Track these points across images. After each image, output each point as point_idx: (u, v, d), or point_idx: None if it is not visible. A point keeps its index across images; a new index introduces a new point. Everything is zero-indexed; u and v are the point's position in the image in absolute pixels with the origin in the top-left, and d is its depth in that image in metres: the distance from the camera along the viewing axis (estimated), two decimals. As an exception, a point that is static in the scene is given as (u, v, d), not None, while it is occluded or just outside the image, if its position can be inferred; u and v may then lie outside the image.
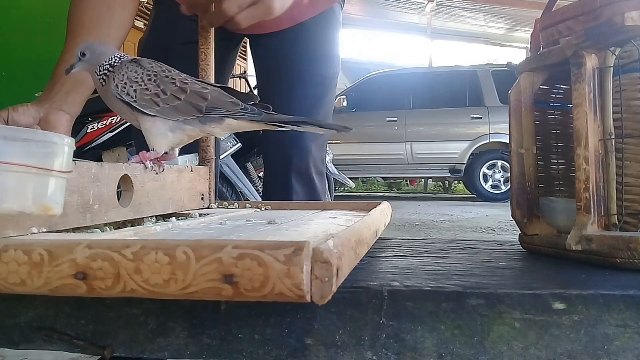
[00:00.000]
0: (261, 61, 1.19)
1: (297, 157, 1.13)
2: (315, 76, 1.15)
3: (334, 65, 1.19)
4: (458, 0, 10.88)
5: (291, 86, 1.13)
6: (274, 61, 1.14)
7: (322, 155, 1.21)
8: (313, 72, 1.15)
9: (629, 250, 0.53)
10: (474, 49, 13.68)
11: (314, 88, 1.15)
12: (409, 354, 0.46)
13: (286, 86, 1.13)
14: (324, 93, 1.18)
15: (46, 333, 0.48)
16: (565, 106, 0.71)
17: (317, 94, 1.16)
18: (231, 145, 3.01)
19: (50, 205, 0.43)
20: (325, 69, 1.17)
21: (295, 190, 1.14)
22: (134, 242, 0.36)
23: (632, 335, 0.45)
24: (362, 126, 7.69)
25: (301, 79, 1.14)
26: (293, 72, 1.12)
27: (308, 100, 1.14)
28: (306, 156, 1.14)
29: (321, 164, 1.21)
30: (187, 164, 0.89)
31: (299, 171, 1.14)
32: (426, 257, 0.64)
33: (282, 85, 1.14)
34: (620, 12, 0.54)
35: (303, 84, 1.14)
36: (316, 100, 1.15)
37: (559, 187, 0.71)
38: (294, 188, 1.13)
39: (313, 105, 1.15)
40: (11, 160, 0.40)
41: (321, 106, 1.17)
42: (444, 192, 10.46)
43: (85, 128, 2.96)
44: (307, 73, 1.14)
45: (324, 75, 1.17)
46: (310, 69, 1.14)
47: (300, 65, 1.12)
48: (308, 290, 0.34)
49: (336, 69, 1.20)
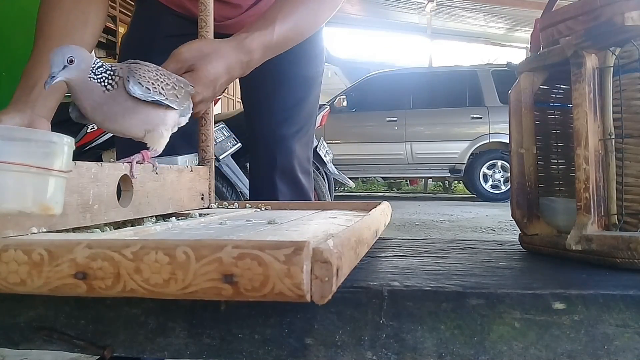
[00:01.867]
0: None
1: (281, 158, 1.14)
2: (298, 77, 1.16)
3: (317, 64, 1.20)
4: (458, 0, 10.88)
5: (275, 87, 1.14)
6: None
7: (307, 154, 1.22)
8: (296, 72, 1.16)
9: (629, 250, 0.53)
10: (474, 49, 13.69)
11: (297, 89, 1.17)
12: (409, 354, 0.46)
13: (270, 87, 1.14)
14: (307, 93, 1.19)
15: (46, 333, 0.48)
16: (565, 106, 0.71)
17: (300, 95, 1.17)
18: (231, 145, 3.02)
19: (50, 205, 0.43)
20: (308, 69, 1.18)
21: (280, 190, 1.14)
22: (134, 242, 0.36)
23: (632, 335, 0.45)
24: (362, 126, 7.69)
25: (285, 79, 1.15)
26: (277, 73, 1.13)
27: (291, 101, 1.16)
28: (290, 156, 1.15)
29: (307, 163, 1.21)
30: (187, 164, 0.89)
31: (284, 171, 1.15)
32: (426, 257, 0.64)
33: (266, 86, 1.15)
34: (620, 12, 0.54)
35: (286, 84, 1.15)
36: (298, 101, 1.17)
37: (559, 187, 0.71)
38: (279, 188, 1.14)
39: (295, 105, 1.16)
40: (11, 160, 0.40)
41: (304, 106, 1.18)
42: (444, 192, 10.46)
43: (85, 128, 2.96)
44: (291, 74, 1.15)
45: (307, 75, 1.18)
46: (293, 70, 1.15)
47: (282, 67, 1.12)
48: (308, 290, 0.34)
49: (320, 68, 1.21)
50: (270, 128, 1.14)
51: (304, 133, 1.18)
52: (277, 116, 1.14)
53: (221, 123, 3.03)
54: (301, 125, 1.17)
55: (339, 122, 7.49)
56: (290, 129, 1.15)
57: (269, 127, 1.14)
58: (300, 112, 1.17)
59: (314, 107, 1.23)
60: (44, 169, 0.42)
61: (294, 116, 1.15)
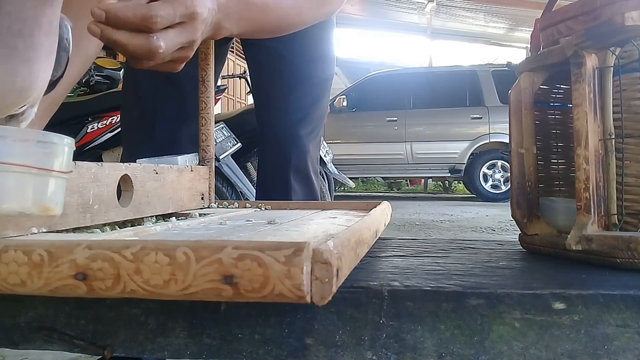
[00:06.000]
0: (256, 61, 1.19)
1: (296, 157, 1.14)
2: (313, 77, 1.16)
3: (330, 67, 1.20)
4: (458, 0, 10.88)
5: (292, 86, 1.14)
6: (271, 61, 1.14)
7: (317, 154, 1.22)
8: (313, 73, 1.15)
9: (629, 250, 0.53)
10: (474, 49, 13.68)
11: (313, 89, 1.16)
12: (409, 354, 0.46)
13: (286, 87, 1.14)
14: (322, 94, 1.19)
15: (46, 333, 0.48)
16: (565, 106, 0.71)
17: (315, 95, 1.17)
18: (231, 145, 3.02)
19: (50, 205, 0.43)
20: (323, 71, 1.18)
21: (294, 189, 1.14)
22: (134, 242, 0.36)
23: (632, 335, 0.45)
24: (362, 126, 7.70)
25: (302, 79, 1.14)
26: (292, 73, 1.13)
27: (307, 100, 1.15)
28: (304, 155, 1.15)
29: (317, 163, 1.21)
30: (187, 163, 0.89)
31: (298, 170, 1.14)
32: (426, 257, 0.64)
33: (282, 86, 1.14)
34: (620, 12, 0.54)
35: (303, 83, 1.14)
36: (314, 101, 1.16)
37: (559, 187, 0.71)
38: (293, 187, 1.14)
39: (311, 105, 1.16)
40: (11, 160, 0.40)
41: (318, 107, 1.18)
42: (444, 192, 10.46)
43: (85, 128, 2.96)
44: (307, 73, 1.15)
45: (321, 76, 1.18)
46: (309, 70, 1.15)
47: (299, 66, 1.12)
48: (308, 291, 0.34)
49: (332, 71, 1.22)
50: (286, 126, 1.13)
51: (317, 133, 1.19)
52: (294, 115, 1.13)
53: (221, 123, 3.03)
54: (314, 126, 1.17)
55: (339, 122, 7.50)
56: (306, 129, 1.15)
57: (284, 126, 1.14)
58: (315, 112, 1.17)
59: (326, 108, 1.23)
60: (44, 170, 0.42)
61: (309, 116, 1.15)
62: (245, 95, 8.98)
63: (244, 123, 3.12)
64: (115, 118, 2.97)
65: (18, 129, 0.44)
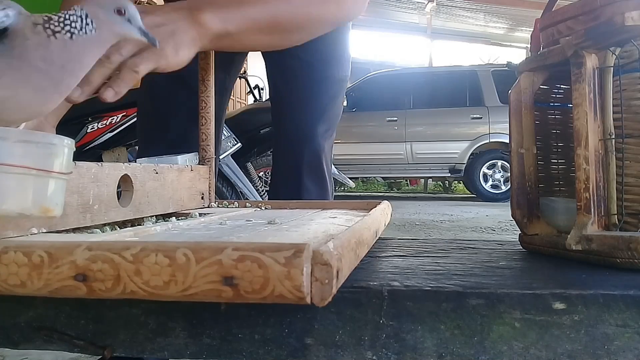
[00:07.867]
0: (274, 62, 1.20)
1: (311, 155, 1.14)
2: (331, 77, 1.17)
3: (346, 68, 1.22)
4: (458, 0, 10.88)
5: (311, 85, 1.15)
6: (288, 62, 1.15)
7: (331, 154, 1.23)
8: (330, 73, 1.17)
9: (629, 250, 0.53)
10: (474, 49, 13.67)
11: (330, 88, 1.18)
12: (409, 354, 0.46)
13: (307, 85, 1.15)
14: (337, 94, 1.20)
15: (46, 333, 0.48)
16: (565, 106, 0.71)
17: (332, 94, 1.18)
18: (231, 145, 3.01)
19: (50, 206, 0.43)
20: (338, 71, 1.19)
21: (307, 187, 1.14)
22: (134, 243, 0.36)
23: (632, 335, 0.45)
24: (362, 126, 7.68)
25: (320, 78, 1.15)
26: (309, 73, 1.14)
27: (325, 99, 1.17)
28: (320, 154, 1.15)
29: (331, 163, 1.22)
30: (187, 163, 0.89)
31: (312, 169, 1.15)
32: (426, 257, 0.64)
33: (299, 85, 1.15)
34: (620, 12, 0.54)
35: (322, 83, 1.16)
36: (330, 100, 1.18)
37: (559, 187, 0.71)
38: (307, 186, 1.14)
39: (329, 103, 1.17)
40: (11, 161, 0.40)
41: (334, 106, 1.19)
42: (444, 192, 10.46)
43: (85, 128, 2.96)
44: (325, 73, 1.16)
45: (338, 77, 1.19)
46: (327, 70, 1.16)
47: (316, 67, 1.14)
48: (308, 292, 0.34)
49: (348, 71, 1.23)
50: (303, 124, 1.15)
51: (331, 133, 1.20)
52: (311, 113, 1.15)
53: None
54: (330, 125, 1.19)
55: (339, 122, 7.49)
56: (323, 127, 1.16)
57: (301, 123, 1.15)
58: (330, 110, 1.18)
59: (341, 109, 1.25)
60: (44, 171, 0.42)
61: (325, 114, 1.16)
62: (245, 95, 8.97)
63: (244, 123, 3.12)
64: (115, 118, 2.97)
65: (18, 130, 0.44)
